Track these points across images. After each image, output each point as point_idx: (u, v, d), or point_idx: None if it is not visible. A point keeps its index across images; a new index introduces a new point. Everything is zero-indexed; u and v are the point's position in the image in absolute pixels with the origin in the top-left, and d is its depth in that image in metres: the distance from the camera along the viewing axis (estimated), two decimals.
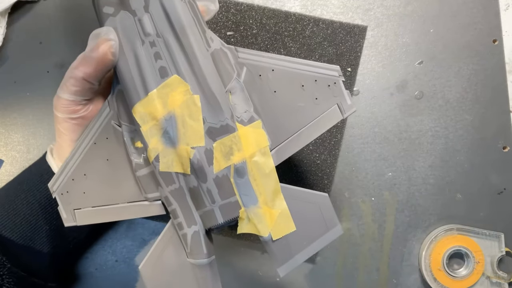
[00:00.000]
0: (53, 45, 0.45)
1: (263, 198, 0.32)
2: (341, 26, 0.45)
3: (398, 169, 0.46)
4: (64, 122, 0.33)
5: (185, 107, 0.30)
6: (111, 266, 0.45)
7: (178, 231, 0.33)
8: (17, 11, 0.45)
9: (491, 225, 0.45)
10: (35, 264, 0.37)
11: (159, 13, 0.30)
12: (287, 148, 0.33)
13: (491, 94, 0.45)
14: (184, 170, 0.31)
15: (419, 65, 0.46)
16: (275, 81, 0.32)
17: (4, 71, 0.45)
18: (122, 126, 0.33)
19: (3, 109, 0.45)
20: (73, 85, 0.31)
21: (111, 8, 0.30)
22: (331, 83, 0.32)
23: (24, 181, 0.37)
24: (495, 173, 0.45)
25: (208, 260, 0.33)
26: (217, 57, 0.31)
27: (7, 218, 0.36)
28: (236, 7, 0.45)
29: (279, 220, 0.32)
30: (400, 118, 0.46)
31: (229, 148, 0.31)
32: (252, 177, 0.32)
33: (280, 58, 0.32)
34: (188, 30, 0.30)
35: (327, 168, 0.45)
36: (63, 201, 0.34)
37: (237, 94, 0.32)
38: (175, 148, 0.31)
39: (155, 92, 0.30)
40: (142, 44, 0.30)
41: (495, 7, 0.45)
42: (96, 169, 0.34)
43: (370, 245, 0.45)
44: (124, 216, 0.34)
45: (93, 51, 0.30)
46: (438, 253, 0.44)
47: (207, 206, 0.31)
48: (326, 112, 0.33)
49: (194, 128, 0.30)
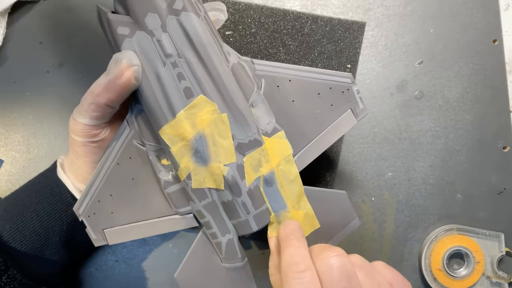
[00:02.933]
0: (53, 45, 0.45)
1: (290, 202, 0.33)
2: (339, 23, 0.45)
3: (398, 169, 0.45)
4: (83, 146, 0.32)
5: (214, 126, 0.30)
6: (111, 266, 0.45)
7: (211, 240, 0.34)
8: (17, 11, 0.45)
9: (491, 225, 0.45)
10: (45, 273, 0.37)
11: (178, 32, 0.29)
12: (308, 154, 0.35)
13: (491, 94, 0.45)
14: (217, 186, 0.31)
15: (419, 65, 0.46)
16: (293, 91, 0.34)
17: (4, 71, 0.45)
18: (146, 145, 0.33)
19: (3, 109, 0.45)
20: (94, 111, 0.31)
21: (126, 29, 0.29)
22: (344, 89, 0.34)
23: (33, 193, 0.37)
24: (495, 173, 0.45)
25: (243, 263, 0.34)
26: (236, 72, 0.31)
27: (16, 231, 0.35)
28: (234, 7, 0.45)
29: (305, 220, 0.34)
30: (400, 118, 0.45)
31: (258, 161, 0.32)
32: (280, 184, 0.33)
33: (296, 68, 0.34)
34: (209, 48, 0.29)
35: (328, 165, 0.45)
36: (90, 223, 0.34)
37: (259, 107, 0.33)
38: (207, 166, 0.31)
39: (182, 113, 0.30)
40: (164, 65, 0.30)
41: (495, 7, 0.45)
42: (122, 189, 0.34)
43: (370, 245, 0.45)
44: (156, 231, 0.35)
45: (117, 78, 0.29)
46: (438, 253, 0.44)
47: (242, 217, 0.32)
48: (341, 117, 0.35)
49: (224, 146, 0.31)
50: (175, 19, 0.29)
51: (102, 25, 0.30)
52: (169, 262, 0.45)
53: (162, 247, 0.45)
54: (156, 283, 0.45)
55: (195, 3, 0.30)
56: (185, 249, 0.44)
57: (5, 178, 0.45)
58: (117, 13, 0.30)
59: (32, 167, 0.45)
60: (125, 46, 0.29)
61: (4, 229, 0.35)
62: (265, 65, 0.33)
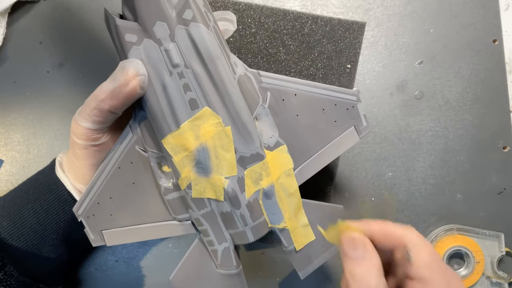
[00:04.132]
0: (53, 45, 0.45)
1: (288, 215, 0.34)
2: (339, 23, 0.45)
3: (398, 169, 0.45)
4: (84, 148, 0.33)
5: (217, 139, 0.30)
6: (111, 266, 0.45)
7: (208, 247, 0.34)
8: (17, 11, 0.45)
9: (491, 225, 0.45)
10: (42, 271, 0.37)
11: (186, 43, 0.29)
12: (308, 168, 0.35)
13: (491, 94, 0.45)
14: (217, 197, 0.32)
15: (419, 65, 0.46)
16: (298, 105, 0.34)
17: (4, 71, 0.45)
18: (148, 152, 0.33)
19: (3, 109, 0.45)
20: (97, 116, 0.30)
21: (134, 36, 0.29)
22: (349, 106, 0.34)
23: (31, 190, 0.37)
24: (495, 173, 0.45)
25: (237, 270, 0.35)
26: (242, 84, 0.31)
27: (14, 228, 0.35)
28: (234, 7, 0.45)
29: (301, 233, 0.35)
30: (400, 118, 0.45)
31: (258, 174, 0.32)
32: (279, 197, 0.33)
33: (302, 83, 0.34)
34: (217, 61, 0.29)
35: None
36: (89, 224, 0.34)
37: (262, 120, 0.33)
38: (208, 177, 0.31)
39: (186, 124, 0.30)
40: (170, 75, 0.29)
41: (495, 7, 0.45)
42: (122, 193, 0.34)
43: None
44: (153, 235, 0.35)
45: (123, 86, 0.29)
46: (438, 253, 0.44)
47: (240, 228, 0.33)
48: (344, 133, 0.35)
49: (227, 159, 0.31)
50: (184, 29, 0.29)
51: (110, 29, 0.30)
52: (169, 262, 0.45)
53: (162, 247, 0.45)
54: (156, 283, 0.45)
55: (205, 12, 0.29)
56: (184, 250, 0.44)
57: (5, 178, 0.45)
58: (125, 18, 0.30)
59: (32, 167, 0.45)
60: (132, 54, 0.29)
61: (1, 226, 0.35)
62: (272, 78, 0.33)
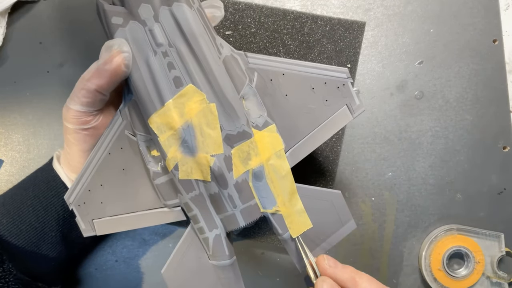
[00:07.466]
0: (53, 45, 0.45)
1: (281, 199, 0.33)
2: (339, 22, 0.45)
3: (398, 169, 0.45)
4: (75, 133, 0.33)
5: (202, 116, 0.30)
6: (111, 266, 0.45)
7: (199, 235, 0.34)
8: (17, 11, 0.45)
9: (491, 225, 0.45)
10: (41, 269, 0.37)
11: (170, 22, 0.30)
12: (301, 150, 0.34)
13: (491, 94, 0.45)
14: (204, 178, 0.31)
15: (419, 65, 0.46)
16: (286, 85, 0.33)
17: (4, 71, 0.45)
18: (136, 135, 0.33)
19: (3, 109, 0.45)
20: (85, 97, 0.31)
21: (120, 19, 0.30)
22: (340, 85, 0.33)
23: (30, 187, 0.37)
24: (495, 173, 0.45)
25: (230, 261, 0.34)
26: (228, 64, 0.31)
27: (13, 225, 0.35)
28: (234, 6, 0.45)
29: (296, 219, 0.34)
30: (400, 118, 0.45)
31: (246, 154, 0.32)
32: (270, 179, 0.32)
33: (290, 62, 0.33)
34: (200, 39, 0.30)
35: (328, 165, 0.45)
36: (80, 212, 0.34)
37: (250, 100, 0.33)
38: (194, 157, 0.31)
39: (171, 102, 0.30)
40: (155, 55, 0.30)
41: (495, 7, 0.45)
42: (113, 179, 0.34)
43: (370, 245, 0.45)
44: (144, 223, 0.35)
45: (107, 63, 0.29)
46: (438, 253, 0.44)
47: (229, 211, 0.32)
48: (337, 113, 0.34)
49: (212, 137, 0.31)
50: (167, 9, 0.29)
51: (100, 18, 0.31)
52: None
53: (162, 247, 0.45)
54: (156, 283, 0.45)
55: None
56: None
57: (5, 178, 0.45)
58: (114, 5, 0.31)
59: (32, 167, 0.45)
60: (118, 35, 0.30)
61: (0, 223, 0.35)
62: (259, 59, 0.33)
